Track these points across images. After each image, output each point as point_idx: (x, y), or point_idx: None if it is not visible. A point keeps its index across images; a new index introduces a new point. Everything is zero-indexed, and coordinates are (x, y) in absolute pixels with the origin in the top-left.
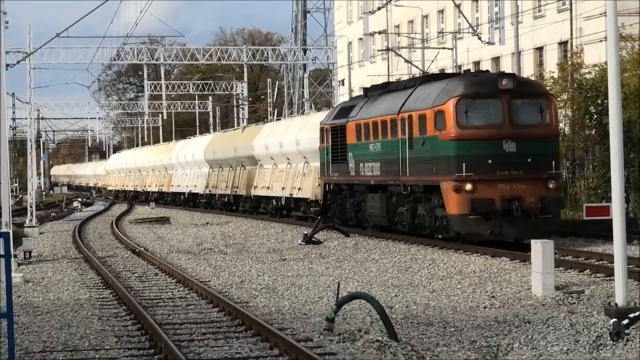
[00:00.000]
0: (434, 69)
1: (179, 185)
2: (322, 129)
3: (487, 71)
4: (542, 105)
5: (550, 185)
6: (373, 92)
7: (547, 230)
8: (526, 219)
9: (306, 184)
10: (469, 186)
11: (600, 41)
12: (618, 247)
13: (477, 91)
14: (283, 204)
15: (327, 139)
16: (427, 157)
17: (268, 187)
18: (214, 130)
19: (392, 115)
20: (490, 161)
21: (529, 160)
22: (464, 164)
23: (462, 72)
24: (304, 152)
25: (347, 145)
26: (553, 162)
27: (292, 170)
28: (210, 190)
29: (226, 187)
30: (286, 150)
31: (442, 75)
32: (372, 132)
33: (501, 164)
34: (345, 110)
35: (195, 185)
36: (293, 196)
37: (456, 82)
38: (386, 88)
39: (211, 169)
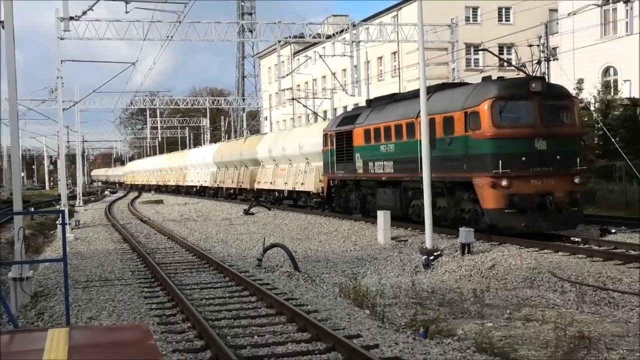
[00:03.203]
0: (320, 111)
1: (191, 181)
2: (325, 135)
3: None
4: (568, 106)
5: (576, 181)
6: (377, 103)
7: (574, 222)
8: (557, 212)
9: (308, 180)
10: (505, 182)
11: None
12: (427, 211)
13: (511, 93)
14: (285, 195)
15: (331, 143)
16: (455, 155)
17: (271, 182)
18: (190, 147)
19: (409, 119)
20: (524, 158)
21: (558, 157)
22: (500, 161)
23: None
24: (306, 154)
25: (353, 147)
26: (578, 159)
27: (293, 169)
28: (217, 184)
29: (232, 182)
30: (289, 153)
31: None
32: (383, 135)
33: (534, 161)
34: (350, 119)
35: (205, 181)
36: (296, 189)
37: (489, 85)
38: (392, 98)
39: (218, 169)
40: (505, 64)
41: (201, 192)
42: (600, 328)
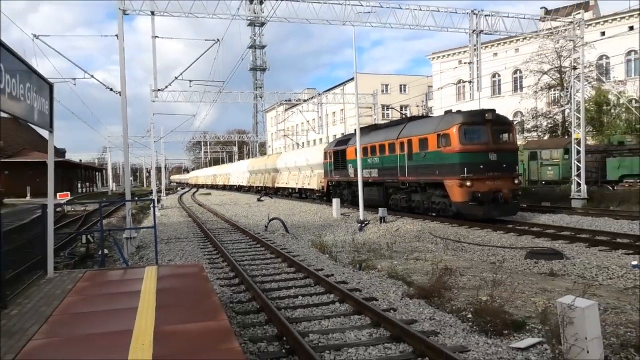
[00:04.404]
0: (300, 142)
1: (233, 182)
2: (325, 152)
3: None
4: (509, 130)
5: (516, 182)
6: (363, 130)
7: (515, 211)
8: (504, 204)
9: (313, 181)
10: (469, 183)
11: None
12: (360, 196)
13: (472, 120)
14: (296, 191)
15: (330, 157)
16: (429, 164)
17: (286, 183)
18: (226, 162)
19: (391, 140)
20: (481, 166)
21: (504, 165)
22: (465, 168)
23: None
24: (311, 165)
25: (347, 160)
26: (516, 167)
27: (302, 174)
28: (250, 184)
29: (260, 182)
30: (299, 164)
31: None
32: (370, 151)
33: (488, 168)
34: (343, 142)
35: (242, 181)
36: (304, 187)
37: (455, 115)
38: (374, 127)
39: (250, 174)
40: (404, 116)
41: (239, 189)
42: (456, 264)
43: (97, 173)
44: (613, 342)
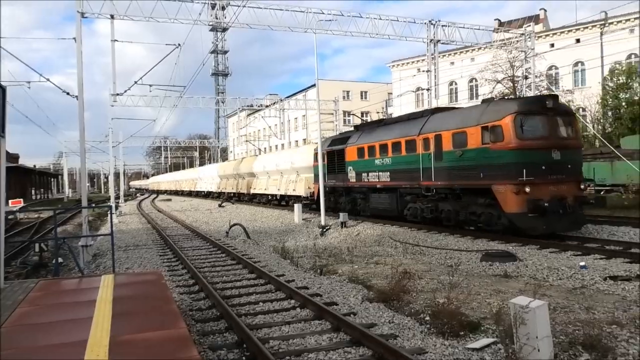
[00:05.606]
0: (262, 147)
1: (200, 187)
2: (316, 154)
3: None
4: (572, 121)
5: (582, 186)
6: (365, 127)
7: (582, 223)
8: (569, 214)
9: (299, 187)
10: (527, 189)
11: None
12: (322, 201)
13: (530, 109)
14: (278, 198)
15: (322, 159)
16: (469, 165)
17: (265, 189)
18: (187, 168)
19: (409, 137)
20: (543, 167)
21: (569, 166)
22: (524, 170)
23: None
24: (297, 168)
25: (345, 162)
26: (582, 168)
27: (284, 179)
28: (221, 190)
29: (232, 188)
30: (281, 168)
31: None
32: (378, 151)
33: (551, 169)
34: (340, 140)
35: (211, 187)
36: (288, 194)
37: (508, 103)
38: (381, 123)
39: (220, 180)
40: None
41: (207, 195)
42: (415, 267)
43: (52, 179)
44: (562, 340)
